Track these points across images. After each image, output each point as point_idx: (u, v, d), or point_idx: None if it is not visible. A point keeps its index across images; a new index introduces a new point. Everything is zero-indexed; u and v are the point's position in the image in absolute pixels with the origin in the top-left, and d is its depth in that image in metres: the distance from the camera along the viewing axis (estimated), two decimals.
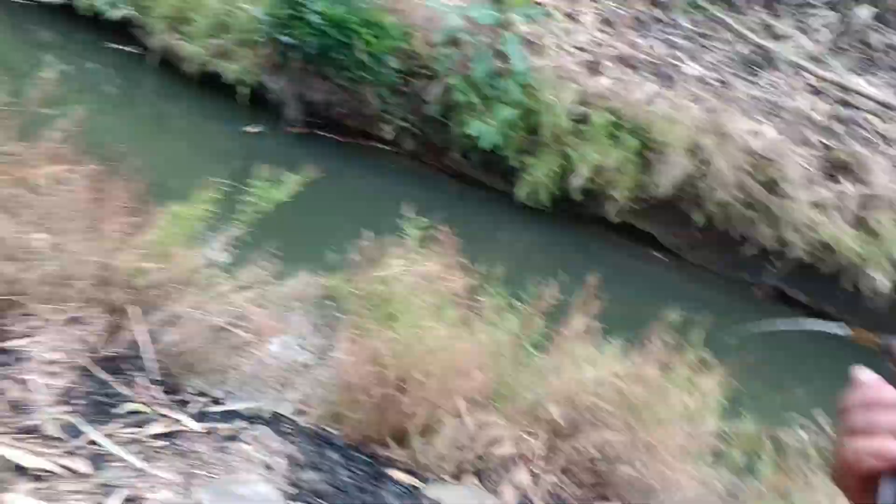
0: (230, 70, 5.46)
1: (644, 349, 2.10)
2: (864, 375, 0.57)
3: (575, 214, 6.24)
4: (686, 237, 6.29)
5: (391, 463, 1.64)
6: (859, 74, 6.77)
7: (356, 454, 1.61)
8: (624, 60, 6.10)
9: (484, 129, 5.52)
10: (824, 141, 5.82)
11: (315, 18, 5.02)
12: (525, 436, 1.49)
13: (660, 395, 1.91)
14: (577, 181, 5.65)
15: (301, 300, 1.78)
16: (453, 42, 5.71)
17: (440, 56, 5.64)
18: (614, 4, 6.73)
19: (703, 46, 6.70)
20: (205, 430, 1.52)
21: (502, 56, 5.54)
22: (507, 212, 6.00)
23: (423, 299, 1.59)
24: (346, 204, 5.19)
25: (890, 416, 0.49)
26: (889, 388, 0.53)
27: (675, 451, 1.80)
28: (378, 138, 6.16)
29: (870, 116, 6.38)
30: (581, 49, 6.07)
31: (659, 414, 1.88)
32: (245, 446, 1.49)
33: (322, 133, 6.01)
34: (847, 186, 5.62)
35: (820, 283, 5.88)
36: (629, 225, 6.29)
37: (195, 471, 1.37)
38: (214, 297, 1.83)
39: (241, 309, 1.79)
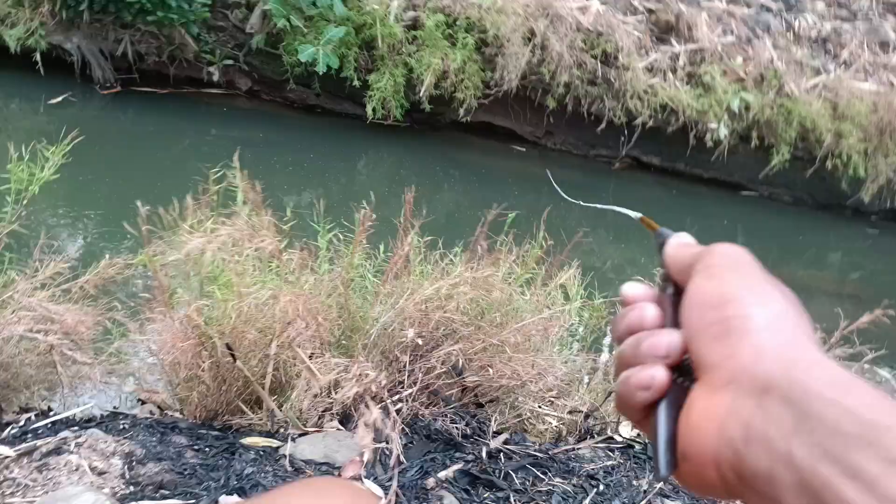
0: (11, 37, 4.77)
1: (490, 252, 2.08)
2: (631, 290, 0.49)
3: (429, 124, 6.16)
4: (541, 125, 6.39)
5: (248, 431, 1.55)
6: None
7: (205, 432, 1.50)
8: None
9: (315, 52, 5.21)
10: (648, 5, 5.95)
11: None
12: (371, 371, 1.44)
13: (506, 293, 1.91)
14: (424, 91, 5.51)
15: (109, 285, 1.59)
16: None
17: None
18: None
19: None
20: (20, 452, 1.36)
21: None
22: (360, 135, 5.82)
23: (234, 262, 1.45)
24: (164, 163, 4.79)
25: (653, 340, 0.43)
26: (651, 306, 0.46)
27: (530, 344, 1.82)
28: (206, 83, 5.70)
29: None
30: None
31: (510, 312, 1.89)
32: (70, 457, 1.35)
33: (141, 89, 5.47)
34: (676, 46, 5.83)
35: (668, 145, 6.19)
36: (485, 123, 6.30)
37: (9, 501, 1.22)
38: (8, 304, 1.60)
39: (43, 310, 1.58)
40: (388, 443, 1.46)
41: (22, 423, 1.58)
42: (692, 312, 0.42)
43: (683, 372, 0.42)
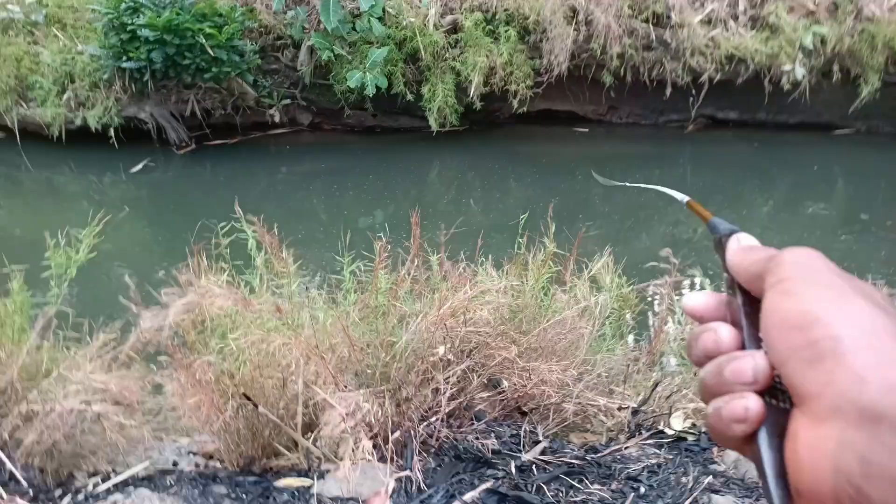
0: (92, 117, 5.22)
1: (519, 254, 2.04)
2: (695, 302, 0.46)
3: (488, 122, 6.13)
4: (602, 102, 6.18)
5: (286, 472, 1.61)
6: None
7: (243, 479, 1.58)
8: None
9: (363, 77, 5.32)
10: None
11: (146, 32, 4.75)
12: (366, 403, 1.44)
13: (533, 295, 1.87)
14: (474, 91, 5.49)
15: (147, 349, 1.71)
16: (297, 2, 5.45)
17: (289, 21, 5.39)
18: None
19: None
20: None
21: None
22: (422, 146, 5.88)
23: (247, 312, 1.52)
24: (242, 207, 5.04)
25: (737, 365, 0.40)
26: (725, 328, 0.43)
27: (566, 343, 1.77)
28: (270, 125, 5.97)
29: None
30: None
31: (540, 314, 1.84)
32: None
33: (214, 142, 5.81)
34: None
35: (743, 96, 5.81)
36: (545, 111, 6.18)
37: None
38: (62, 379, 1.76)
39: (95, 382, 1.72)
40: (412, 470, 1.46)
41: (90, 486, 1.72)
42: (775, 336, 0.39)
43: (775, 393, 0.39)
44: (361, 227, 4.75)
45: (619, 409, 1.87)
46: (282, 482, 1.53)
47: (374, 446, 1.42)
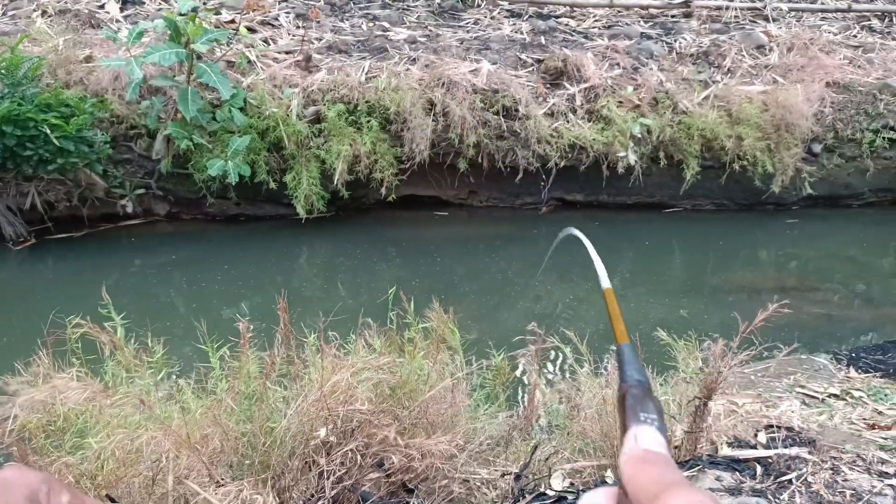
0: None
1: (390, 330, 2.07)
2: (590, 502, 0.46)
3: (355, 208, 6.22)
4: (462, 187, 6.51)
5: None
6: None
7: None
8: (333, 48, 6.08)
9: (224, 165, 5.25)
10: (535, 56, 6.22)
11: None
12: (265, 488, 1.37)
13: (412, 370, 1.89)
14: (338, 178, 5.59)
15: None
16: (153, 91, 5.34)
17: (144, 111, 5.26)
18: (301, 0, 6.67)
19: (403, 10, 6.86)
20: None
21: (212, 89, 5.27)
22: (288, 233, 5.83)
23: (105, 409, 1.41)
24: (88, 304, 4.69)
25: None
26: None
27: (441, 419, 1.79)
28: (122, 216, 5.67)
29: (564, 20, 6.92)
30: (288, 52, 5.95)
31: (417, 389, 1.86)
32: None
33: (57, 236, 5.40)
34: (570, 88, 6.08)
35: (586, 180, 6.36)
36: (409, 196, 6.39)
37: None
38: None
39: None
40: None
41: None
42: None
43: None
44: (226, 318, 4.56)
45: (503, 475, 1.90)
46: None
47: None
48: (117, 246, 5.55)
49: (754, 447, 1.98)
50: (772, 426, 2.09)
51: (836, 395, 2.76)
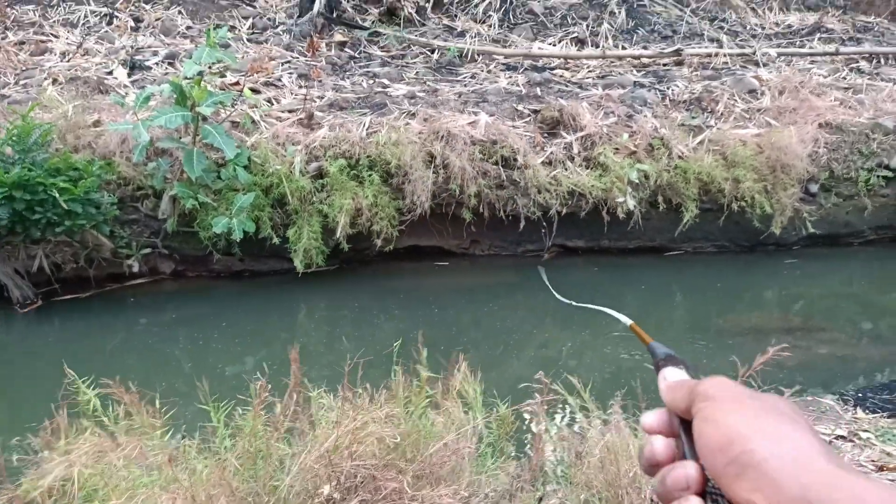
0: None
1: (398, 380, 2.09)
2: (646, 420, 0.55)
3: (358, 260, 6.28)
4: (465, 236, 6.58)
5: None
6: (536, 39, 7.52)
7: None
8: (335, 105, 6.25)
9: (229, 222, 5.34)
10: (532, 107, 6.38)
11: None
12: None
13: (413, 422, 1.90)
14: (340, 232, 5.66)
15: None
16: (160, 153, 5.48)
17: (150, 172, 5.38)
18: (304, 60, 6.89)
19: (402, 67, 7.07)
20: None
21: (217, 149, 5.40)
22: (291, 288, 5.87)
23: (115, 476, 1.42)
24: (94, 365, 4.72)
25: (675, 475, 0.48)
26: (659, 440, 0.52)
27: (446, 471, 1.79)
28: (128, 275, 5.73)
29: (559, 71, 7.11)
30: (291, 111, 6.12)
31: (420, 441, 1.87)
32: None
33: (63, 298, 5.45)
34: (567, 137, 6.20)
35: (586, 226, 6.43)
36: (412, 247, 6.46)
37: None
38: None
39: None
40: None
41: None
42: (706, 458, 0.47)
43: (716, 497, 0.47)
44: (231, 374, 4.57)
45: None
46: None
47: None
48: (123, 305, 5.60)
49: None
50: None
51: (843, 437, 2.74)
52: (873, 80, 7.47)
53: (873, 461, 2.59)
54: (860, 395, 3.59)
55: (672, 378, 0.55)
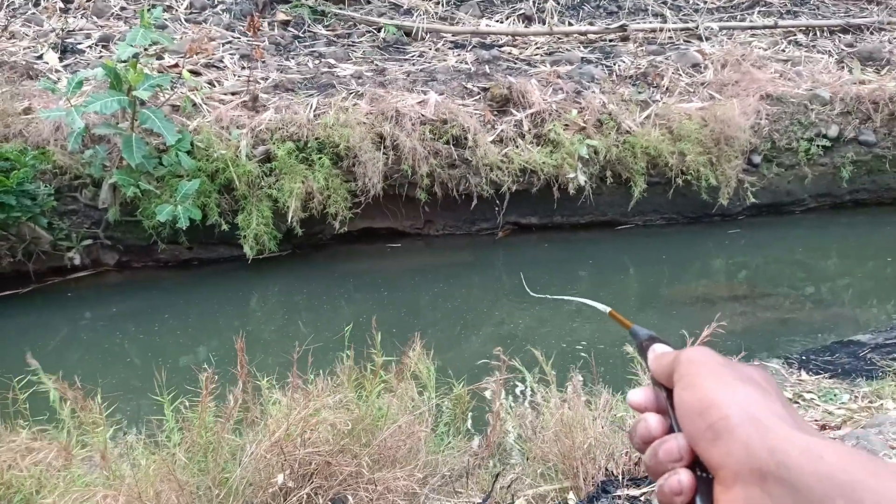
0: None
1: (346, 366, 2.05)
2: (634, 398, 0.56)
3: (311, 245, 6.18)
4: (419, 217, 6.54)
5: None
6: (483, 17, 7.47)
7: None
8: (280, 87, 6.09)
9: (174, 210, 5.17)
10: (481, 85, 6.34)
11: None
12: None
13: (371, 406, 1.88)
14: (292, 216, 5.56)
15: None
16: (96, 140, 5.26)
17: (88, 160, 5.17)
18: (245, 40, 6.68)
19: (348, 46, 6.93)
20: None
21: (157, 134, 5.21)
22: (244, 275, 5.74)
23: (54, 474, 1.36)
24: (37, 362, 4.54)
25: (666, 447, 0.50)
26: (653, 417, 0.53)
27: (403, 455, 1.78)
28: (70, 268, 5.52)
29: (507, 49, 7.08)
30: (234, 93, 5.94)
31: (375, 425, 1.85)
32: None
33: (1, 293, 5.22)
34: (517, 114, 6.20)
35: (539, 203, 6.46)
36: (366, 229, 6.39)
37: None
38: None
39: None
40: None
41: None
42: (685, 423, 0.49)
43: (703, 466, 0.48)
44: (183, 366, 4.45)
45: None
46: None
47: None
48: (66, 300, 5.39)
49: None
50: None
51: (789, 399, 2.83)
52: (810, 52, 7.68)
53: (816, 420, 2.69)
54: (804, 357, 3.72)
55: (660, 350, 0.58)
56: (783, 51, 7.71)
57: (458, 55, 6.90)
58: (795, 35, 8.07)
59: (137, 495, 1.40)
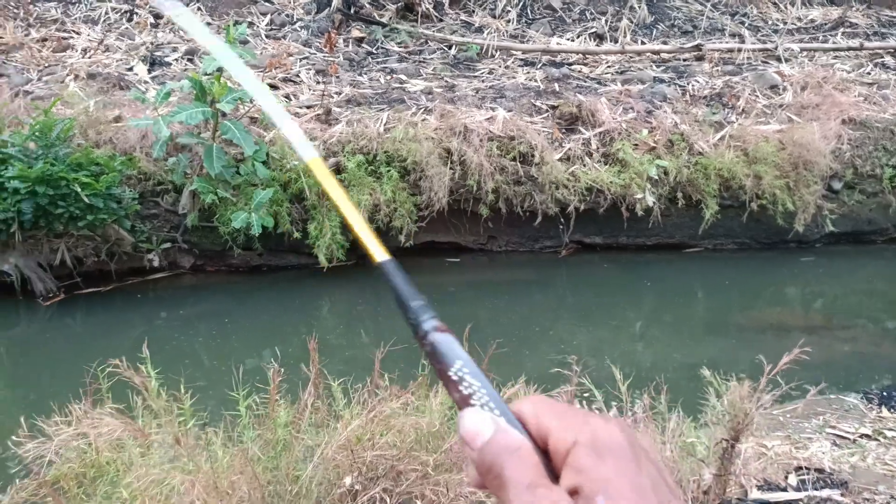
0: None
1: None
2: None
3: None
4: (482, 232, 6.56)
5: None
6: (554, 35, 7.47)
7: None
8: (353, 101, 6.25)
9: (248, 217, 5.36)
10: (550, 103, 6.34)
11: (16, 184, 4.60)
12: None
13: (441, 414, 1.90)
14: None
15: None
16: (180, 149, 5.52)
17: (171, 167, 5.42)
18: (321, 56, 6.90)
19: (419, 62, 7.06)
20: None
21: (236, 144, 5.43)
22: (311, 283, 5.89)
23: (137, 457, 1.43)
24: (116, 356, 4.77)
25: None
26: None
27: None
28: (149, 270, 5.78)
29: (577, 67, 7.06)
30: (309, 107, 6.13)
31: (444, 434, 1.86)
32: None
33: (85, 291, 5.52)
34: (585, 133, 6.16)
35: (605, 223, 6.39)
36: (429, 242, 6.45)
37: None
38: None
39: None
40: None
41: None
42: None
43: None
44: (251, 367, 4.59)
45: None
46: None
47: None
48: (143, 299, 5.65)
49: (784, 490, 1.93)
50: (802, 468, 2.05)
51: (867, 436, 2.70)
52: None
53: None
54: (884, 393, 3.53)
55: (476, 425, 0.47)
56: (868, 73, 7.40)
57: (528, 73, 6.92)
58: (882, 57, 7.74)
59: (214, 485, 1.46)
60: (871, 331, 5.14)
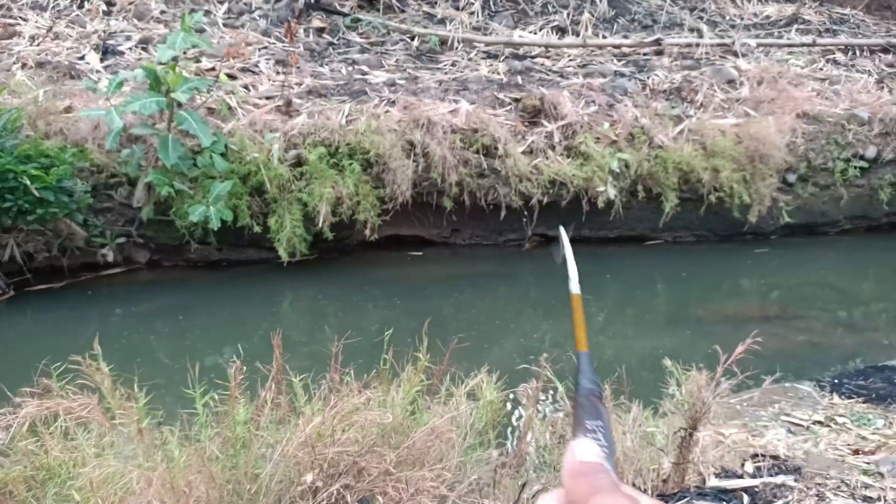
0: None
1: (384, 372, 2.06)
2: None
3: (338, 250, 6.22)
4: (445, 225, 6.55)
5: None
6: (517, 28, 7.49)
7: None
8: (314, 92, 6.16)
9: (206, 211, 5.25)
10: (513, 95, 6.35)
11: None
12: None
13: (404, 410, 1.88)
14: (322, 221, 5.60)
15: None
16: (134, 140, 5.36)
17: (124, 159, 5.27)
18: (281, 46, 6.78)
19: (382, 53, 6.99)
20: None
21: (193, 136, 5.30)
22: (271, 277, 5.80)
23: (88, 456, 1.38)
24: (67, 355, 4.63)
25: None
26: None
27: (433, 458, 1.77)
28: (103, 265, 5.62)
29: (539, 60, 7.09)
30: (268, 97, 6.02)
31: (409, 428, 1.84)
32: None
33: (36, 288, 5.33)
34: (548, 126, 6.19)
35: (567, 215, 6.42)
36: (393, 236, 6.41)
37: None
38: None
39: None
40: None
41: None
42: None
43: None
44: (210, 364, 4.49)
45: None
46: None
47: None
48: (98, 296, 5.48)
49: (741, 477, 1.97)
50: (758, 455, 2.09)
51: (820, 422, 2.77)
52: (849, 71, 7.56)
53: (849, 445, 2.62)
54: (836, 381, 3.63)
55: (582, 456, 0.48)
56: (821, 69, 7.60)
57: (491, 65, 6.92)
58: (834, 54, 7.96)
59: (170, 484, 1.42)
60: (823, 320, 5.29)
